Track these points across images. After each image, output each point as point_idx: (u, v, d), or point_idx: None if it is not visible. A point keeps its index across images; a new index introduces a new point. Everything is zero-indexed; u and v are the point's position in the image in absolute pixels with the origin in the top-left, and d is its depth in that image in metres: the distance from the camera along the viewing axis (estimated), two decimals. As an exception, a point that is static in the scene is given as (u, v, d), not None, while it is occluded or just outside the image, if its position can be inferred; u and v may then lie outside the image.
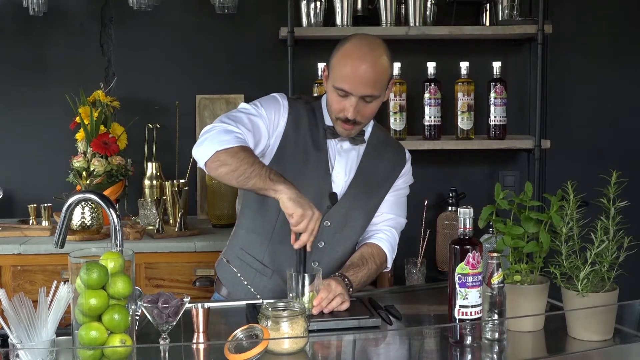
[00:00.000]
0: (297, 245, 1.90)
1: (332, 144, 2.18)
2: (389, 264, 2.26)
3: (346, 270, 2.09)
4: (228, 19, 3.28)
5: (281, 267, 2.16)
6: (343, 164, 2.18)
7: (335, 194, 2.16)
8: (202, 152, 1.98)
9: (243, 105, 2.14)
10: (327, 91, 2.13)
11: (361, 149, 2.21)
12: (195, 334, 1.77)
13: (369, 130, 2.23)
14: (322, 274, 1.94)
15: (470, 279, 1.67)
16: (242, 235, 2.25)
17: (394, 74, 3.11)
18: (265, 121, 2.11)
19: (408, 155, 2.31)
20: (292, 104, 2.17)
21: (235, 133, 2.00)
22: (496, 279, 1.69)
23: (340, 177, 2.18)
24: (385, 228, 2.25)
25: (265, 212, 2.17)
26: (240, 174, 1.92)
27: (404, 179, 2.28)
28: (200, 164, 2.01)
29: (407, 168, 2.29)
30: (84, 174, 3.01)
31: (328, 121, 2.17)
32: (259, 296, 2.00)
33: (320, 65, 3.09)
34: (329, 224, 2.15)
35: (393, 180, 2.25)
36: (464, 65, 3.16)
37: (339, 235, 2.18)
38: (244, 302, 2.01)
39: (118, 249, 1.60)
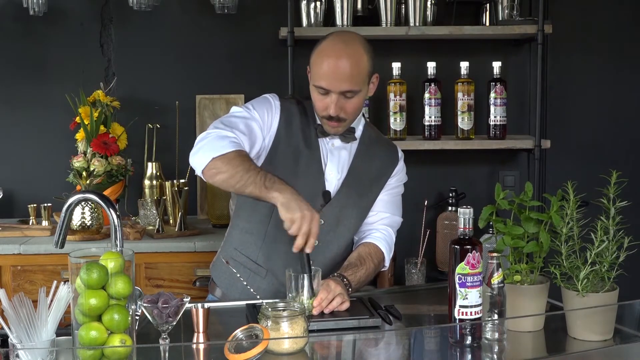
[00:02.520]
0: (294, 249, 1.90)
1: (324, 143, 2.19)
2: (387, 263, 2.26)
3: (344, 270, 2.09)
4: (228, 19, 3.29)
5: (275, 267, 2.17)
6: (335, 162, 2.19)
7: (328, 192, 2.17)
8: (198, 160, 1.99)
9: (235, 109, 2.15)
10: (310, 90, 2.15)
11: (353, 147, 2.21)
12: (195, 334, 1.77)
13: (360, 128, 2.24)
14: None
15: (470, 279, 1.67)
16: (236, 235, 2.25)
17: (394, 74, 3.15)
18: (258, 123, 2.12)
19: (400, 154, 2.31)
20: (283, 104, 2.18)
21: (231, 138, 2.01)
22: (496, 279, 1.69)
23: (333, 176, 2.18)
24: (381, 227, 2.25)
25: (258, 212, 2.18)
26: (236, 181, 1.93)
27: (397, 177, 2.28)
28: (198, 172, 2.02)
29: (400, 167, 2.29)
30: (84, 174, 3.01)
31: (318, 120, 2.18)
32: (258, 296, 2.01)
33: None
34: (323, 222, 2.15)
35: (386, 179, 2.26)
36: (464, 65, 3.16)
37: (333, 233, 2.18)
38: (244, 302, 2.01)
39: (118, 249, 1.59)
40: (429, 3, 3.18)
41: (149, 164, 3.22)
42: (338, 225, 2.19)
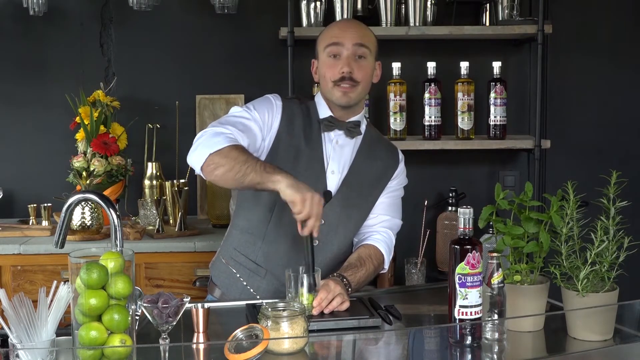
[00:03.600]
0: (305, 232, 1.90)
1: (328, 139, 2.19)
2: (386, 265, 2.26)
3: (344, 270, 2.09)
4: (228, 19, 3.29)
5: (275, 267, 2.16)
6: (337, 160, 2.19)
7: (329, 192, 2.17)
8: (196, 158, 2.00)
9: (235, 109, 2.16)
10: (319, 73, 2.19)
11: (356, 145, 2.22)
12: (195, 334, 1.77)
13: (363, 125, 2.24)
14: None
15: (470, 279, 1.67)
16: (235, 235, 2.25)
17: (394, 74, 3.15)
18: (258, 123, 2.12)
19: (401, 156, 2.31)
20: (285, 104, 2.18)
21: (226, 134, 2.02)
22: (496, 279, 1.69)
23: (335, 175, 2.19)
24: (382, 229, 2.25)
25: (258, 211, 2.18)
26: (236, 172, 1.93)
27: (398, 180, 2.29)
28: (197, 170, 2.03)
29: (401, 169, 2.29)
30: (84, 174, 3.01)
31: (323, 115, 2.18)
32: (258, 297, 2.01)
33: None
34: (323, 222, 2.15)
35: (386, 181, 2.26)
36: (464, 65, 3.16)
37: (333, 233, 2.18)
38: (244, 302, 2.01)
39: (118, 249, 1.59)
40: (429, 3, 3.18)
41: (149, 164, 3.22)
42: (338, 225, 2.19)
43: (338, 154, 2.19)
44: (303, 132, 2.17)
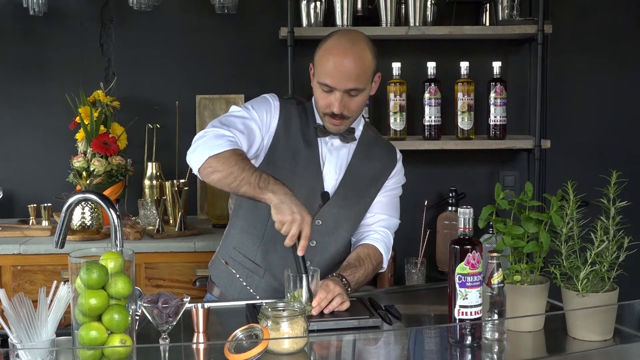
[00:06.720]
0: (299, 252, 1.91)
1: (323, 142, 2.18)
2: (385, 265, 2.26)
3: (343, 270, 2.09)
4: (228, 19, 3.29)
5: (273, 267, 2.17)
6: (333, 162, 2.19)
7: (327, 193, 2.17)
8: (195, 158, 2.00)
9: (234, 108, 2.15)
10: (313, 88, 2.14)
11: (352, 147, 2.21)
12: (195, 334, 1.77)
13: (359, 129, 2.24)
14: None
15: (470, 279, 1.67)
16: (235, 235, 2.25)
17: (394, 74, 3.15)
18: (257, 123, 2.12)
19: (399, 155, 2.31)
20: (283, 104, 2.18)
21: (228, 137, 2.01)
22: (496, 279, 1.69)
23: (331, 176, 2.18)
24: (379, 229, 2.25)
25: (257, 211, 2.17)
26: (231, 181, 1.94)
27: (396, 179, 2.28)
28: (194, 170, 2.03)
29: (398, 168, 2.29)
30: (84, 174, 3.01)
31: (319, 120, 2.18)
32: (257, 297, 2.01)
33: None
34: (320, 223, 2.15)
35: (383, 180, 2.25)
36: (464, 65, 3.16)
37: (331, 234, 2.18)
38: (244, 302, 2.01)
39: (118, 249, 1.59)
40: (429, 3, 3.19)
41: (149, 164, 3.22)
42: (336, 226, 2.19)
43: (334, 156, 2.19)
44: (300, 133, 2.17)
